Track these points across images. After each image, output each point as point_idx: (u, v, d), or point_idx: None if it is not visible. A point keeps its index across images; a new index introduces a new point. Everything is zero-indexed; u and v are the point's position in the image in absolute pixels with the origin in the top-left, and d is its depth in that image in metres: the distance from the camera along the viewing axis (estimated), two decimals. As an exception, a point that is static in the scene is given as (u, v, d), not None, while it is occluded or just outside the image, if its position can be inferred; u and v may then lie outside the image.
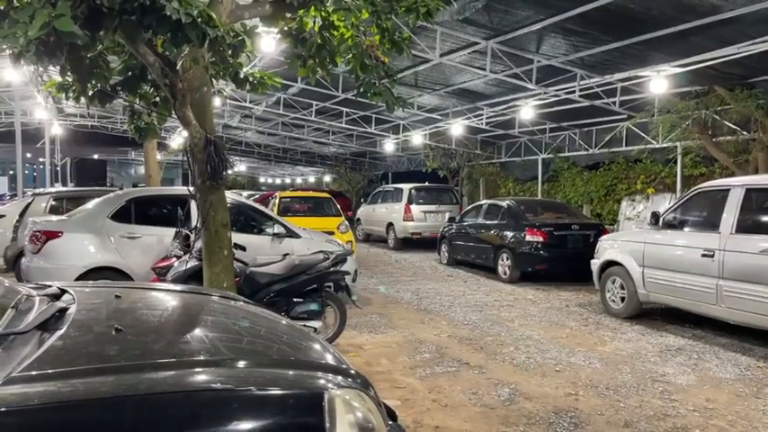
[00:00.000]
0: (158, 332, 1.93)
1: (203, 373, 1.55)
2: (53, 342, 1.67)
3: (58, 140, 29.55)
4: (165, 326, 2.05)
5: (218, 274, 4.56)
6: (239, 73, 5.47)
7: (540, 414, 4.43)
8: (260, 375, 1.60)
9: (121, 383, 1.45)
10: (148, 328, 1.98)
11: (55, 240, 6.97)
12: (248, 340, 1.97)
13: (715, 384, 5.18)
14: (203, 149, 4.31)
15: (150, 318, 2.13)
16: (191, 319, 2.16)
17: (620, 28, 8.08)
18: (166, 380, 1.50)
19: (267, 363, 1.68)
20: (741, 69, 9.00)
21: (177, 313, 2.25)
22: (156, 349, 1.74)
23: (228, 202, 8.27)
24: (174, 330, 2.01)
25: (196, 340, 1.86)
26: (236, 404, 1.46)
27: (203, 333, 2.00)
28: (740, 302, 6.14)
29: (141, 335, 1.82)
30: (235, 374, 1.59)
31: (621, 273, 7.82)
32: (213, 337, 1.96)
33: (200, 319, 2.21)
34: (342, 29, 5.22)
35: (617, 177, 14.79)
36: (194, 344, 1.85)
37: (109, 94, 5.23)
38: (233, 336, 2.00)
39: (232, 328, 2.07)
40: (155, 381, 1.48)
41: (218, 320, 2.20)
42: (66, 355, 1.65)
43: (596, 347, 6.39)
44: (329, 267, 5.99)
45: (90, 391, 1.42)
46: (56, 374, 1.48)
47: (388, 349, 6.21)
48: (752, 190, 6.38)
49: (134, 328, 1.87)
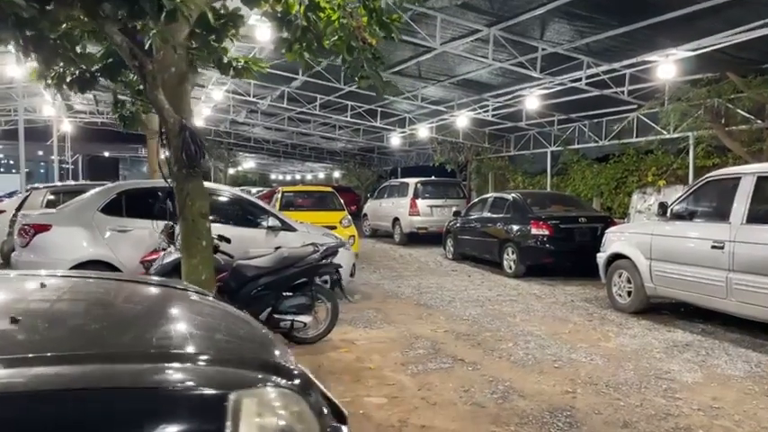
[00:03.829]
0: (58, 323, 1.72)
1: (80, 369, 1.34)
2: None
3: (68, 138, 29.67)
4: (71, 316, 1.85)
5: (195, 265, 4.37)
6: (223, 58, 5.24)
7: (533, 413, 4.19)
8: (149, 371, 1.38)
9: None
10: (50, 318, 1.78)
11: (44, 234, 6.83)
12: (161, 333, 1.75)
13: (722, 382, 4.90)
14: (178, 135, 4.10)
15: (61, 308, 1.93)
16: (106, 310, 1.95)
17: (625, 12, 7.77)
18: (28, 377, 1.29)
19: (162, 357, 1.46)
20: (754, 54, 8.64)
21: (96, 303, 2.04)
22: (39, 341, 1.54)
23: (224, 195, 8.26)
24: (76, 321, 1.80)
25: (92, 333, 1.65)
26: (105, 406, 1.25)
27: (106, 323, 1.79)
28: (751, 296, 5.85)
29: (35, 327, 1.62)
30: (120, 370, 1.38)
31: (628, 266, 7.53)
32: (117, 328, 1.75)
33: (117, 309, 2.00)
34: (328, 10, 4.99)
35: (627, 169, 14.41)
36: (88, 336, 1.64)
37: (88, 81, 5.06)
38: (143, 328, 1.78)
39: (146, 321, 1.86)
40: (15, 377, 1.28)
41: (137, 311, 1.99)
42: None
43: (599, 343, 6.12)
44: (319, 260, 5.77)
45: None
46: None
47: (382, 345, 5.99)
48: (764, 178, 6.07)
49: (34, 319, 1.68)
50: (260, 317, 5.57)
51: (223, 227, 7.40)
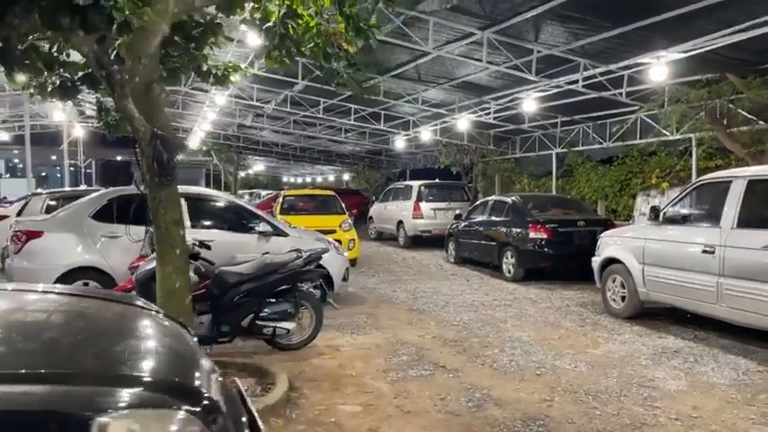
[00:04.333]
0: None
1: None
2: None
3: (80, 142, 30.06)
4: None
5: (169, 273, 4.37)
6: (202, 66, 5.27)
7: (506, 422, 4.14)
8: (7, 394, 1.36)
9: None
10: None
11: (36, 240, 6.91)
12: (44, 351, 1.70)
13: (706, 390, 4.81)
14: (149, 144, 4.12)
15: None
16: (7, 324, 1.94)
17: (617, 13, 7.68)
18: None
19: (29, 377, 1.43)
20: (749, 54, 8.49)
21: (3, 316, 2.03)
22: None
23: (215, 200, 8.28)
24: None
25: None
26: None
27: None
28: (741, 302, 5.75)
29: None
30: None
31: (622, 270, 7.44)
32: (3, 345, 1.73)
33: (21, 324, 1.98)
34: (306, 17, 4.99)
35: (631, 171, 14.24)
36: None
37: (69, 89, 5.10)
38: (28, 345, 1.75)
39: (41, 338, 1.83)
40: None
41: (38, 327, 1.96)
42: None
43: (587, 350, 6.04)
44: (302, 266, 5.77)
45: None
46: None
47: (366, 351, 5.97)
48: (755, 182, 5.96)
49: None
50: (242, 323, 5.58)
51: (217, 232, 7.46)
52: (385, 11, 8.26)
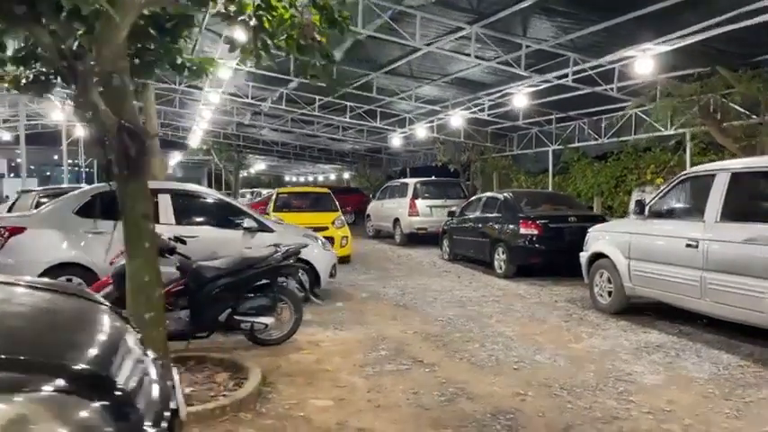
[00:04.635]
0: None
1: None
2: None
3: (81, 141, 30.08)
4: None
5: (138, 267, 4.33)
6: (176, 59, 5.23)
7: (475, 415, 4.10)
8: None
9: None
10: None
11: (18, 236, 6.89)
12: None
13: (683, 384, 4.75)
14: (116, 136, 4.08)
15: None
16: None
17: (604, 7, 7.62)
18: None
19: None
20: (738, 47, 8.40)
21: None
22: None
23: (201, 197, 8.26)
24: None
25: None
26: None
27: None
28: (724, 296, 5.68)
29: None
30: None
31: (608, 265, 7.38)
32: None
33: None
34: (280, 9, 4.95)
35: (627, 167, 14.17)
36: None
37: (44, 84, 5.07)
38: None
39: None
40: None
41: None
42: None
43: (569, 345, 5.99)
44: (280, 261, 5.74)
45: None
46: None
47: (345, 347, 5.93)
48: (738, 174, 5.89)
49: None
50: (220, 318, 5.56)
51: (202, 228, 7.46)
52: (373, 7, 8.23)
